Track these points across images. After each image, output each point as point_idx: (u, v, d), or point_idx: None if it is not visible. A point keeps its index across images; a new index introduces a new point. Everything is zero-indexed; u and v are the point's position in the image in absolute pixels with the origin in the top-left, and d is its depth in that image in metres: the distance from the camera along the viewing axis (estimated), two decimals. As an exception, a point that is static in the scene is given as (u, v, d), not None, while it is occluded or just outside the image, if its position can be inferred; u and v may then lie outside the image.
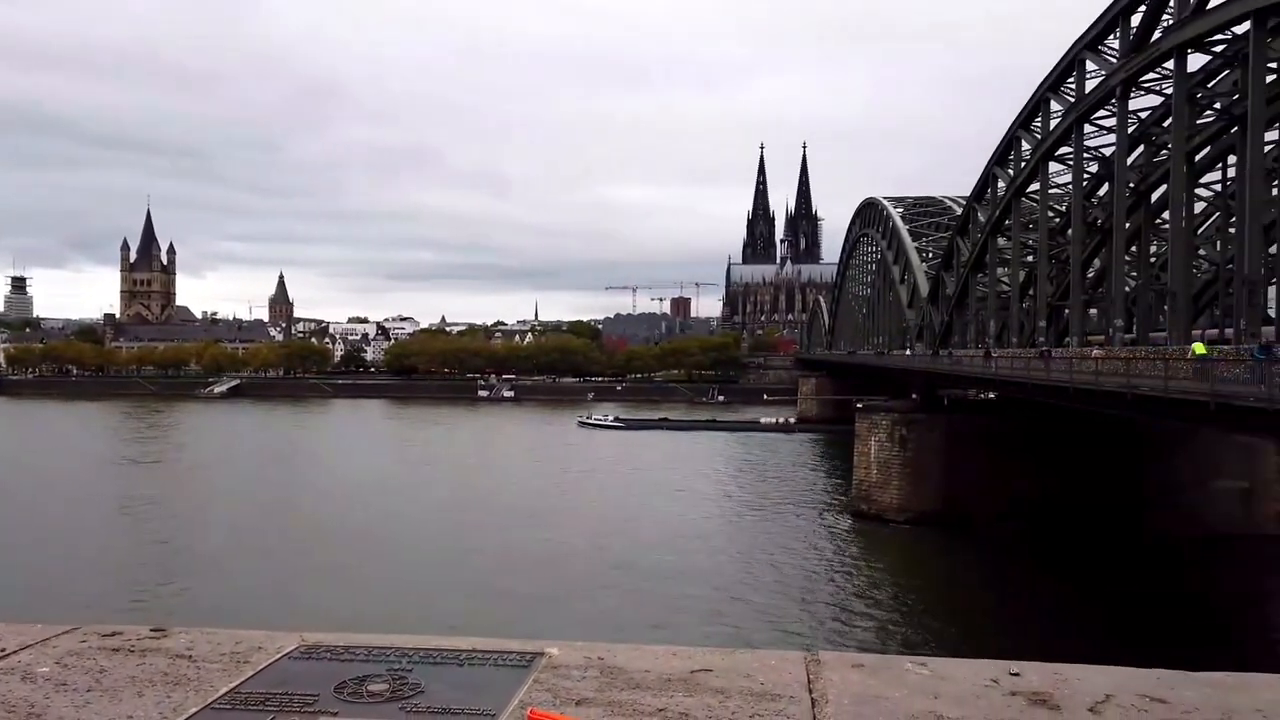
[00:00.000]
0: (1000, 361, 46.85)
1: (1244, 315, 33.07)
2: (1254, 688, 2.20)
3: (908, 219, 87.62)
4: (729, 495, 59.25)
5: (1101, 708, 1.99)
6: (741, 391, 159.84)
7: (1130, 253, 45.90)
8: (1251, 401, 22.67)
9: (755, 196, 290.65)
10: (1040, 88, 49.41)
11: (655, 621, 29.70)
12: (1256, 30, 31.26)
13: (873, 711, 1.96)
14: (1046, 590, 35.27)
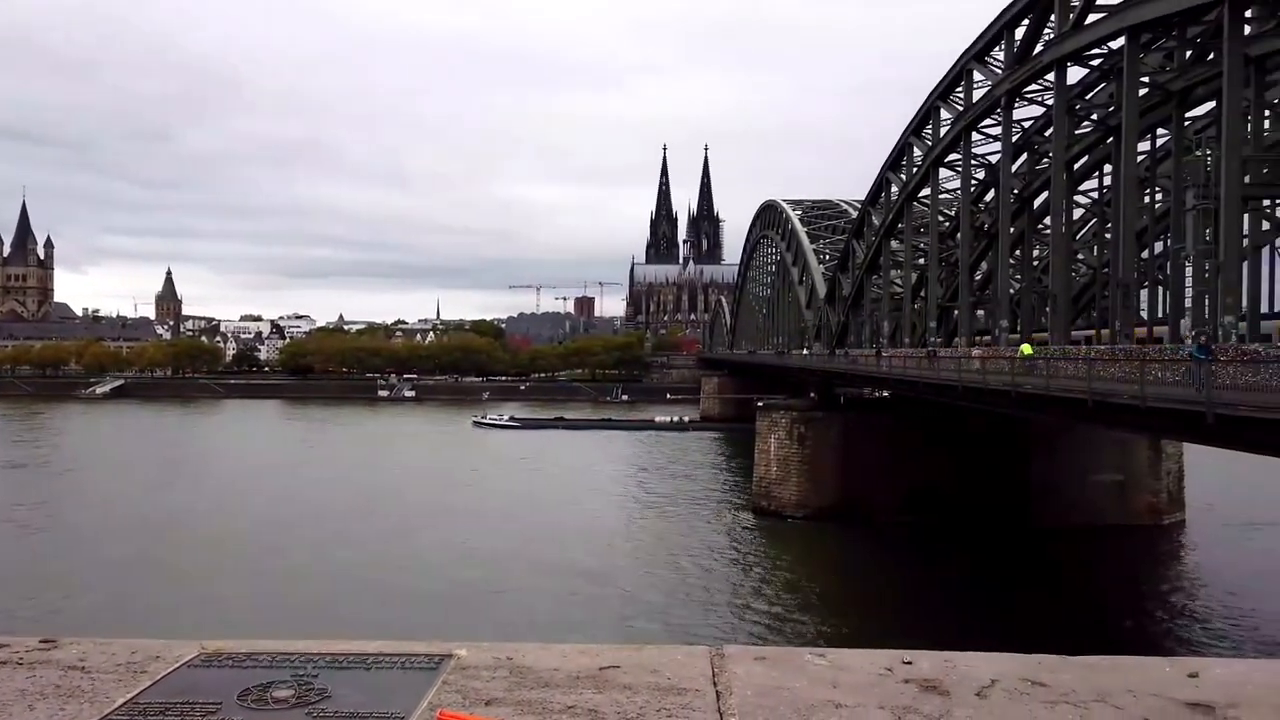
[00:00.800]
0: (893, 361, 48.41)
1: (1119, 316, 34.90)
2: (1124, 669, 2.35)
3: (806, 221, 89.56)
4: (632, 494, 59.51)
5: (987, 692, 2.10)
6: (645, 391, 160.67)
7: (1015, 256, 47.90)
8: (1125, 399, 23.90)
9: (658, 197, 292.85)
10: (930, 96, 51.14)
11: (563, 620, 29.68)
12: (1130, 46, 32.98)
13: (774, 702, 2.04)
14: (939, 580, 36.56)
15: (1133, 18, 32.21)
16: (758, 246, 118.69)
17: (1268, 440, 19.60)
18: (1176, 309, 35.69)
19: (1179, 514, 48.34)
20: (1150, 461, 47.61)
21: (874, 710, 2.02)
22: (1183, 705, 2.03)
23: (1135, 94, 34.17)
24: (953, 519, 44.58)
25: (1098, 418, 26.09)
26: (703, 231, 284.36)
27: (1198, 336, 20.57)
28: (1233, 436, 20.95)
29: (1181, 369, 21.79)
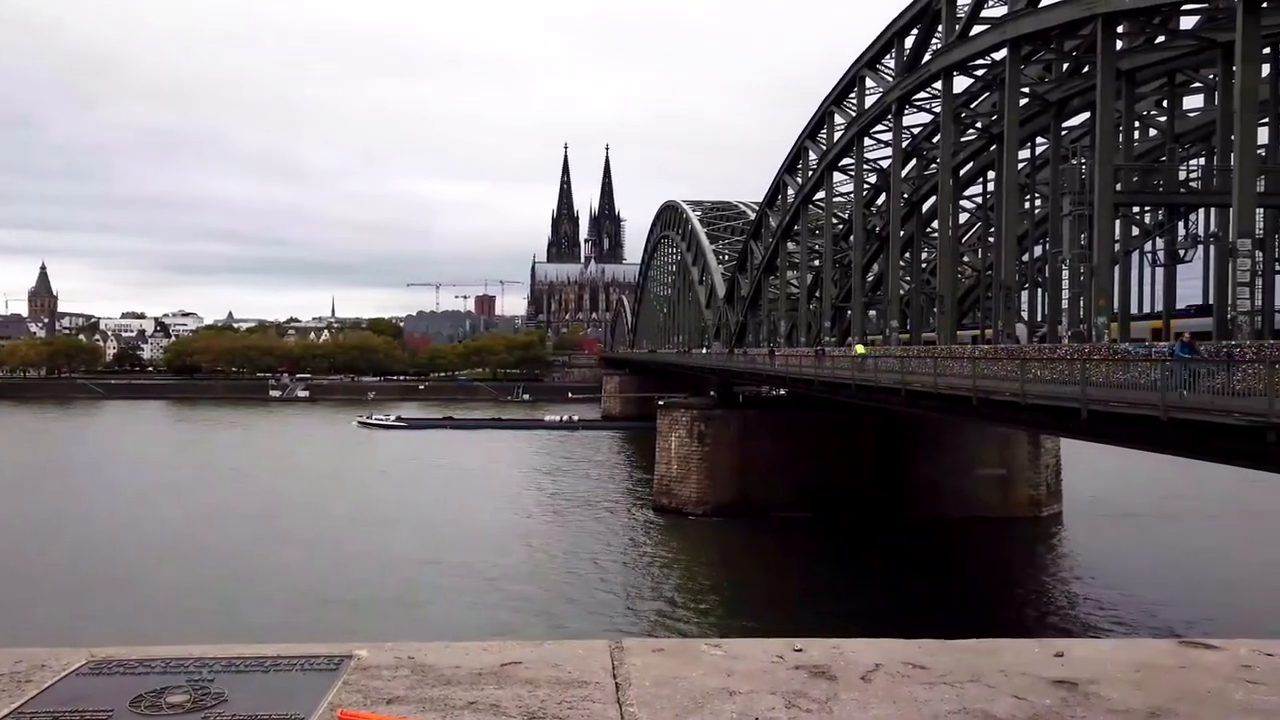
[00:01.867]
0: (788, 359, 49.57)
1: (1001, 317, 36.42)
2: (998, 651, 2.48)
3: (706, 222, 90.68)
4: (532, 494, 59.22)
5: (872, 675, 2.21)
6: (548, 390, 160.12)
7: (904, 259, 49.47)
8: (1007, 396, 24.98)
9: (560, 196, 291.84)
10: (825, 102, 52.40)
11: (467, 620, 29.42)
12: (1011, 57, 34.45)
13: (671, 691, 2.11)
14: (832, 571, 37.61)
15: (1013, 31, 33.65)
16: (659, 246, 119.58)
17: (1136, 435, 20.76)
18: (1054, 310, 37.44)
19: (1056, 506, 50.75)
20: (1030, 456, 49.84)
21: (765, 696, 2.12)
22: (1049, 683, 2.19)
23: (1016, 103, 35.70)
24: (847, 512, 45.88)
25: (982, 414, 27.16)
26: (604, 231, 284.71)
27: (1180, 335, 20.55)
28: (1104, 432, 22.11)
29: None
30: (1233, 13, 25.39)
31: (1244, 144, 25.21)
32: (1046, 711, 1.99)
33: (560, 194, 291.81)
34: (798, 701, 2.04)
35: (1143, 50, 34.65)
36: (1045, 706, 2.01)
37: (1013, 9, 34.01)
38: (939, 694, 2.09)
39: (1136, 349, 26.18)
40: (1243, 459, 18.54)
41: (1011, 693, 2.09)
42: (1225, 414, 17.61)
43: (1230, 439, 17.74)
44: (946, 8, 38.51)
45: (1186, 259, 33.05)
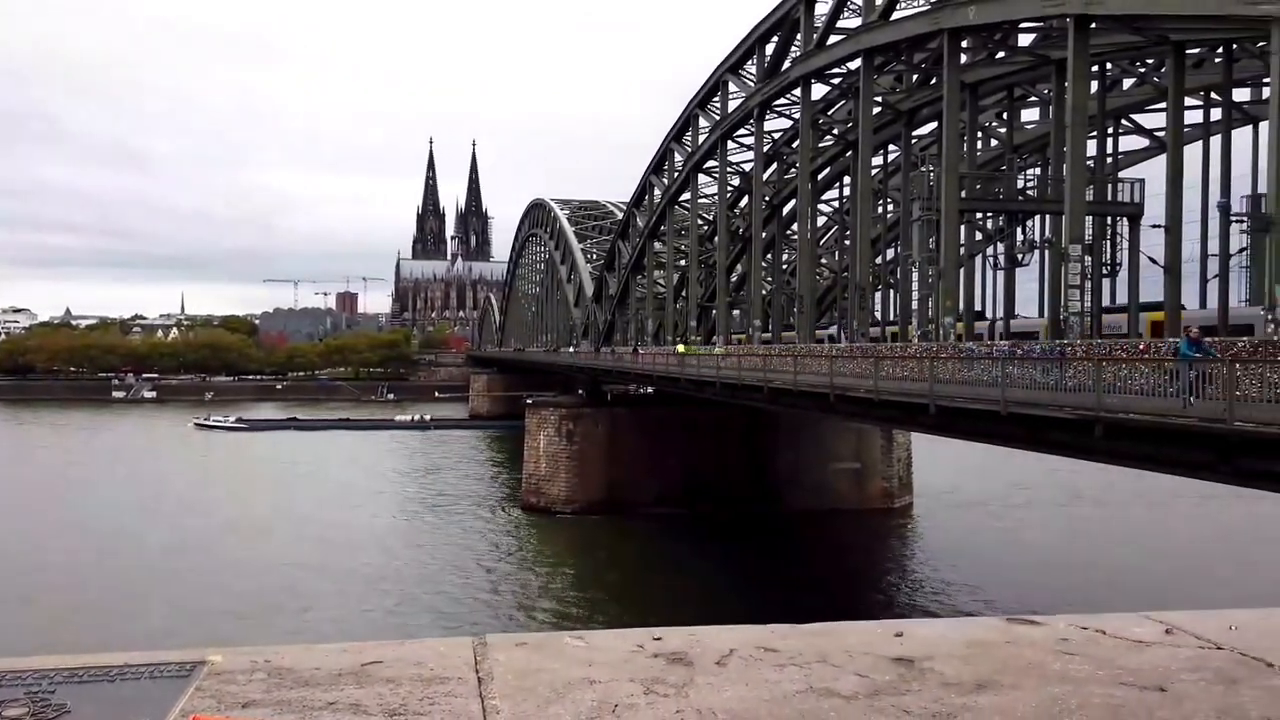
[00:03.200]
0: (653, 358, 50.29)
1: (855, 317, 37.93)
2: (843, 633, 2.61)
3: (574, 221, 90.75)
4: (397, 496, 57.91)
5: (726, 660, 2.29)
6: (413, 389, 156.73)
7: (766, 260, 50.85)
8: (862, 393, 26.06)
9: (425, 191, 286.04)
10: (690, 104, 53.31)
11: (329, 624, 28.55)
12: (865, 67, 35.90)
13: (533, 683, 2.16)
14: (698, 565, 38.35)
15: (867, 42, 35.10)
16: (526, 244, 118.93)
17: (978, 429, 22.01)
18: (905, 310, 39.24)
19: (908, 497, 53.16)
20: (884, 450, 52.02)
21: (625, 683, 2.19)
22: (889, 660, 2.32)
23: (870, 112, 37.25)
24: (714, 508, 46.82)
25: (839, 410, 28.22)
26: (471, 228, 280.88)
27: (1187, 330, 19.92)
28: (951, 426, 23.37)
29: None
30: (1065, 32, 27.21)
31: (1074, 156, 27.05)
32: (885, 686, 2.13)
33: (426, 190, 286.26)
34: (655, 687, 2.12)
35: (985, 65, 36.73)
36: (885, 682, 2.15)
37: (866, 21, 35.45)
38: (788, 675, 2.21)
39: (980, 348, 27.75)
40: (1073, 451, 19.89)
41: (855, 671, 2.23)
42: (1058, 408, 18.88)
43: (1062, 432, 19.02)
44: (805, 17, 39.79)
45: (1024, 263, 35.22)
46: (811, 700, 2.06)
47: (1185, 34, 28.79)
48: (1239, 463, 15.47)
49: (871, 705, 2.00)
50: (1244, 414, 14.91)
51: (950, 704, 2.01)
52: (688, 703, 2.03)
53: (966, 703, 2.01)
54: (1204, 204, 32.11)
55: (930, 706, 2.01)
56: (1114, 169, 37.12)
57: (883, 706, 2.00)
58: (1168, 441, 16.74)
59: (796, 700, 2.05)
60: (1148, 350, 21.50)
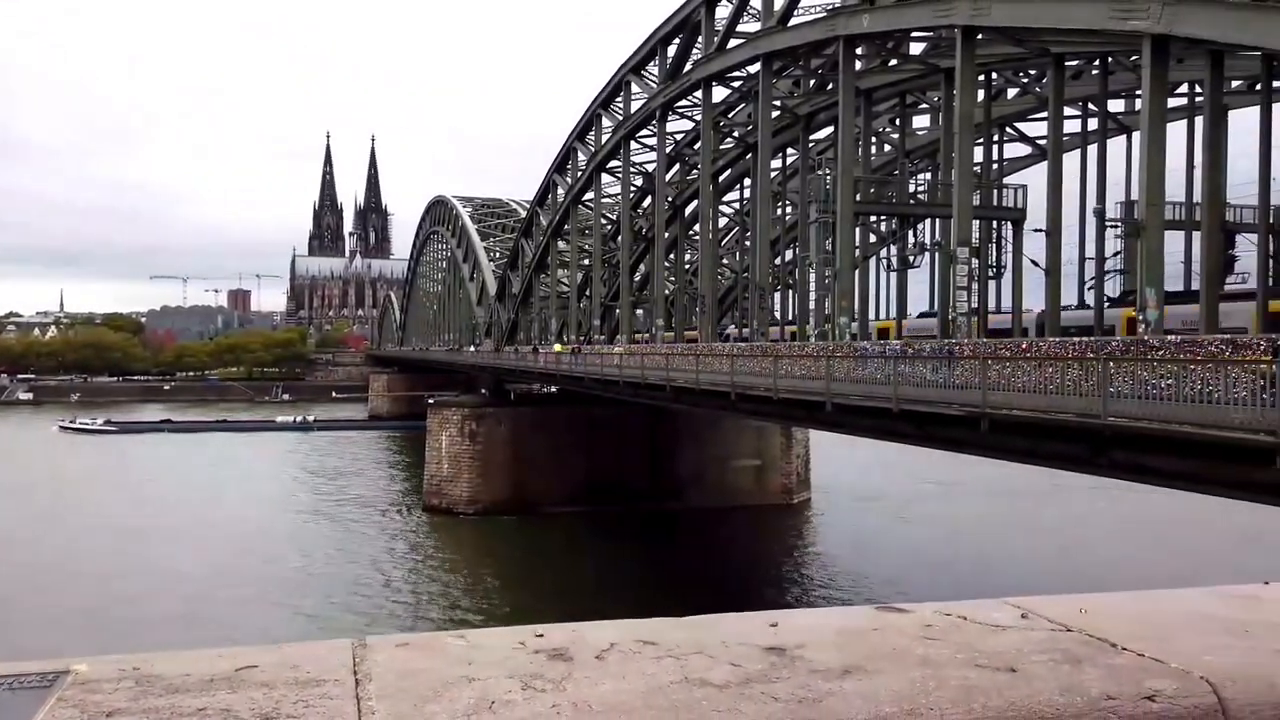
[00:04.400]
0: (550, 358, 50.30)
1: (756, 317, 38.60)
2: (721, 624, 2.69)
3: (477, 219, 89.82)
4: (295, 499, 56.33)
5: (606, 654, 2.34)
6: (309, 389, 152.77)
7: (669, 260, 51.29)
8: (762, 391, 26.56)
9: (322, 186, 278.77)
10: (593, 104, 53.37)
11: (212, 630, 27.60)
12: (764, 71, 36.57)
13: (412, 683, 2.17)
14: (599, 563, 38.48)
15: (765, 46, 35.76)
16: (428, 242, 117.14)
17: (872, 425, 22.70)
18: (803, 310, 40.11)
19: (806, 493, 54.37)
20: (783, 447, 53.08)
21: (504, 680, 2.22)
22: (762, 650, 2.39)
23: (769, 115, 37.95)
24: (618, 506, 47.03)
25: (739, 408, 28.70)
26: (370, 224, 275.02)
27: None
28: (846, 423, 24.04)
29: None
30: (954, 42, 28.23)
31: (962, 162, 28.09)
32: (757, 675, 2.22)
33: (323, 184, 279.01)
34: (533, 683, 2.16)
35: (879, 72, 37.83)
36: (756, 671, 2.24)
37: (765, 26, 36.10)
38: (664, 666, 2.28)
39: (873, 346, 28.58)
40: (961, 446, 20.67)
41: (729, 661, 2.31)
42: (947, 405, 19.59)
43: (951, 427, 19.75)
44: (706, 20, 40.28)
45: (915, 265, 36.42)
46: (685, 690, 2.13)
47: (1064, 47, 30.21)
48: (1112, 456, 16.30)
49: (742, 693, 2.09)
50: (1117, 409, 15.69)
51: (816, 689, 2.11)
52: (564, 696, 2.08)
53: (831, 688, 2.11)
54: (1082, 210, 33.73)
55: (797, 692, 2.10)
56: (999, 175, 38.71)
57: (752, 694, 2.08)
58: (1048, 436, 17.52)
59: (671, 691, 2.12)
60: (1029, 349, 22.47)
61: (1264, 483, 13.31)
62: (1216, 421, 13.80)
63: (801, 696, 2.07)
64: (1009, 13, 25.79)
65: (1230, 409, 14.04)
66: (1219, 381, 14.73)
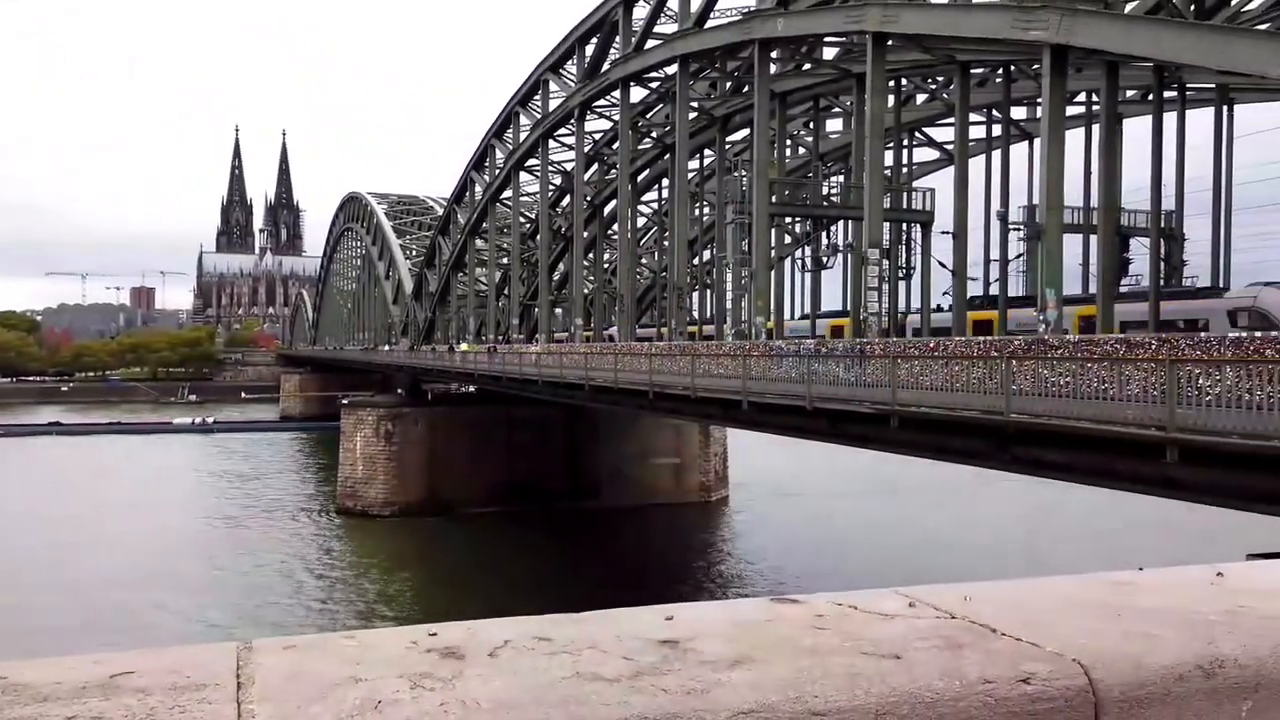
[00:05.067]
0: (468, 357, 49.87)
1: (674, 316, 38.85)
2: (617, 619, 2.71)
3: (392, 216, 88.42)
4: (186, 503, 54.27)
5: (499, 651, 2.33)
6: (218, 390, 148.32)
7: (588, 259, 51.29)
8: (680, 390, 26.74)
9: (231, 181, 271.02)
10: (511, 102, 53.01)
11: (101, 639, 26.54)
12: (681, 73, 36.82)
13: (297, 686, 2.13)
14: (511, 562, 38.31)
15: (682, 48, 36.03)
16: (342, 239, 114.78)
17: (787, 423, 23.05)
18: (720, 310, 40.52)
19: (724, 490, 54.94)
20: (701, 446, 53.54)
21: (393, 680, 2.19)
22: (656, 642, 2.41)
23: (686, 116, 38.24)
24: (537, 506, 46.83)
25: (657, 406, 28.86)
26: (281, 220, 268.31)
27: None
28: (762, 421, 24.37)
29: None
30: (865, 48, 28.85)
31: (873, 165, 28.72)
32: (648, 668, 2.23)
33: (231, 179, 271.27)
34: (423, 682, 2.14)
35: (793, 75, 38.43)
36: (648, 663, 2.25)
37: (682, 28, 36.36)
38: (558, 662, 2.28)
39: (788, 345, 29.03)
40: (872, 443, 21.14)
41: (621, 655, 2.32)
42: (859, 403, 20.02)
43: (863, 424, 20.19)
44: (624, 20, 40.38)
45: (829, 266, 37.14)
46: (576, 685, 2.13)
47: (969, 54, 31.12)
48: (1014, 451, 16.85)
49: (632, 686, 2.10)
50: (1019, 406, 16.23)
51: (705, 680, 2.14)
52: (453, 695, 2.06)
53: (720, 678, 2.14)
54: (987, 213, 34.83)
55: (686, 684, 2.12)
56: (908, 178, 39.69)
57: (642, 686, 2.10)
58: (954, 432, 18.03)
59: (561, 686, 2.12)
60: (937, 348, 23.11)
61: (1152, 475, 13.92)
62: (1111, 418, 14.36)
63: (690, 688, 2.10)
64: (917, 20, 26.49)
65: (1124, 406, 14.65)
66: (1114, 379, 15.38)
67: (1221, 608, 2.53)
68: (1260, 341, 16.20)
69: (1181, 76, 29.29)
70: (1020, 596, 2.92)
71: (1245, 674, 2.14)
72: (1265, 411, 12.16)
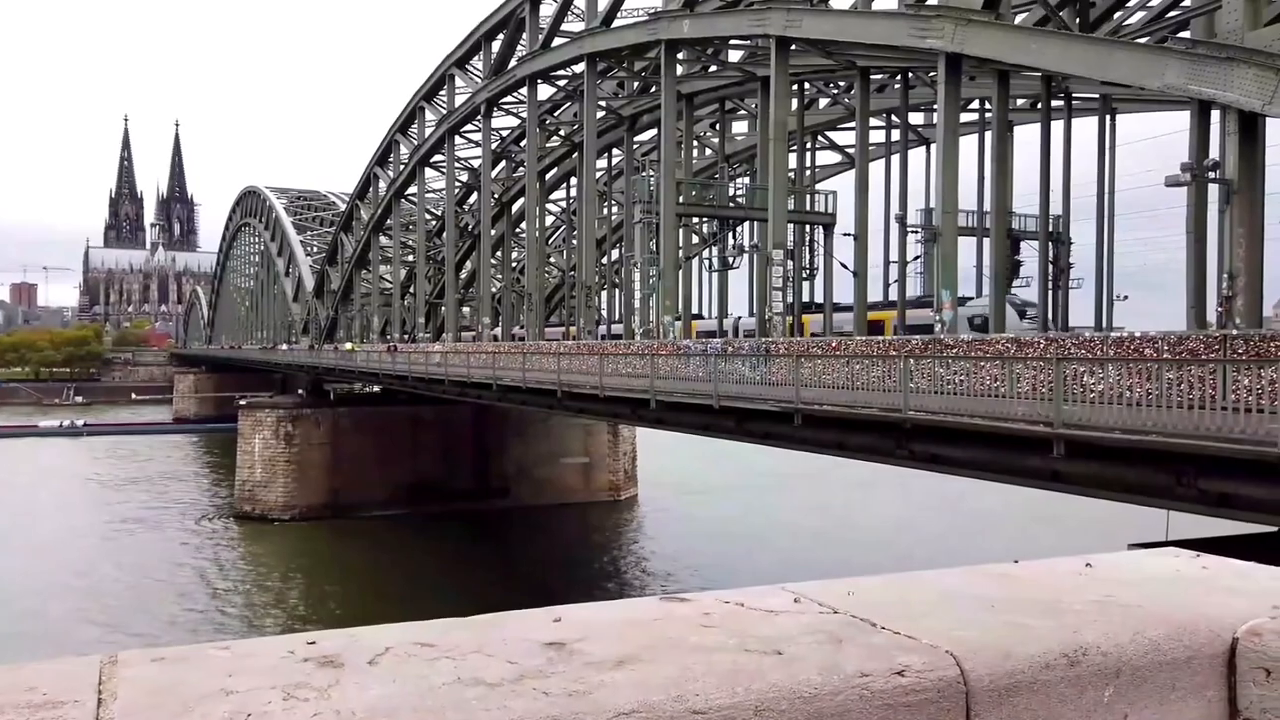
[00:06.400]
0: (368, 355, 48.97)
1: (583, 315, 38.80)
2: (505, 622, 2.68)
3: (293, 211, 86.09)
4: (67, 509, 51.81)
5: (379, 659, 2.28)
6: (106, 390, 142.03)
7: (496, 257, 50.85)
8: (588, 389, 26.71)
9: (120, 173, 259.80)
10: (415, 96, 52.14)
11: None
12: (589, 71, 36.79)
13: (162, 700, 2.04)
14: (414, 565, 37.73)
15: (589, 46, 36.01)
16: (239, 234, 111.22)
17: (695, 421, 23.24)
18: (629, 310, 40.61)
19: (633, 489, 55.13)
20: (610, 445, 53.63)
21: (267, 691, 2.12)
22: (542, 645, 2.39)
23: (594, 115, 38.22)
24: (443, 507, 46.20)
25: (566, 405, 28.77)
26: (175, 215, 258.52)
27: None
28: (670, 420, 24.51)
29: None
30: (769, 51, 29.29)
31: (777, 167, 29.19)
32: (532, 670, 2.21)
33: (120, 171, 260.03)
34: (297, 692, 2.07)
35: (700, 77, 38.76)
36: (532, 666, 2.23)
37: (589, 26, 36.31)
38: (440, 667, 2.24)
39: (695, 345, 29.30)
40: (777, 440, 21.46)
41: (506, 658, 2.30)
42: (764, 401, 20.31)
43: (768, 422, 20.48)
44: (530, 17, 40.13)
45: (735, 266, 37.59)
46: (457, 691, 2.10)
47: (869, 61, 31.89)
48: (912, 447, 17.32)
49: (514, 690, 2.07)
50: (917, 404, 16.69)
51: (589, 681, 2.13)
52: (328, 704, 2.00)
53: (604, 679, 2.13)
54: (886, 216, 35.72)
55: (569, 686, 2.11)
56: (812, 181, 40.46)
57: (524, 690, 2.07)
58: (855, 429, 18.44)
59: (442, 692, 2.08)
60: (839, 348, 23.62)
61: (1041, 469, 14.48)
62: (1003, 414, 14.89)
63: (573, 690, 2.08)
64: (818, 25, 27.02)
65: (1015, 402, 15.21)
66: (1006, 377, 15.95)
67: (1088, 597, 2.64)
68: (1139, 341, 17.03)
69: (1068, 87, 30.59)
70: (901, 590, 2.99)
71: (1107, 661, 2.24)
72: (1143, 407, 12.77)
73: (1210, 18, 20.75)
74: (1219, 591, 2.58)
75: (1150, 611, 2.40)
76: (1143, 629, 2.28)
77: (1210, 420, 12.26)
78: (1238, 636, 2.26)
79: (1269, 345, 14.79)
